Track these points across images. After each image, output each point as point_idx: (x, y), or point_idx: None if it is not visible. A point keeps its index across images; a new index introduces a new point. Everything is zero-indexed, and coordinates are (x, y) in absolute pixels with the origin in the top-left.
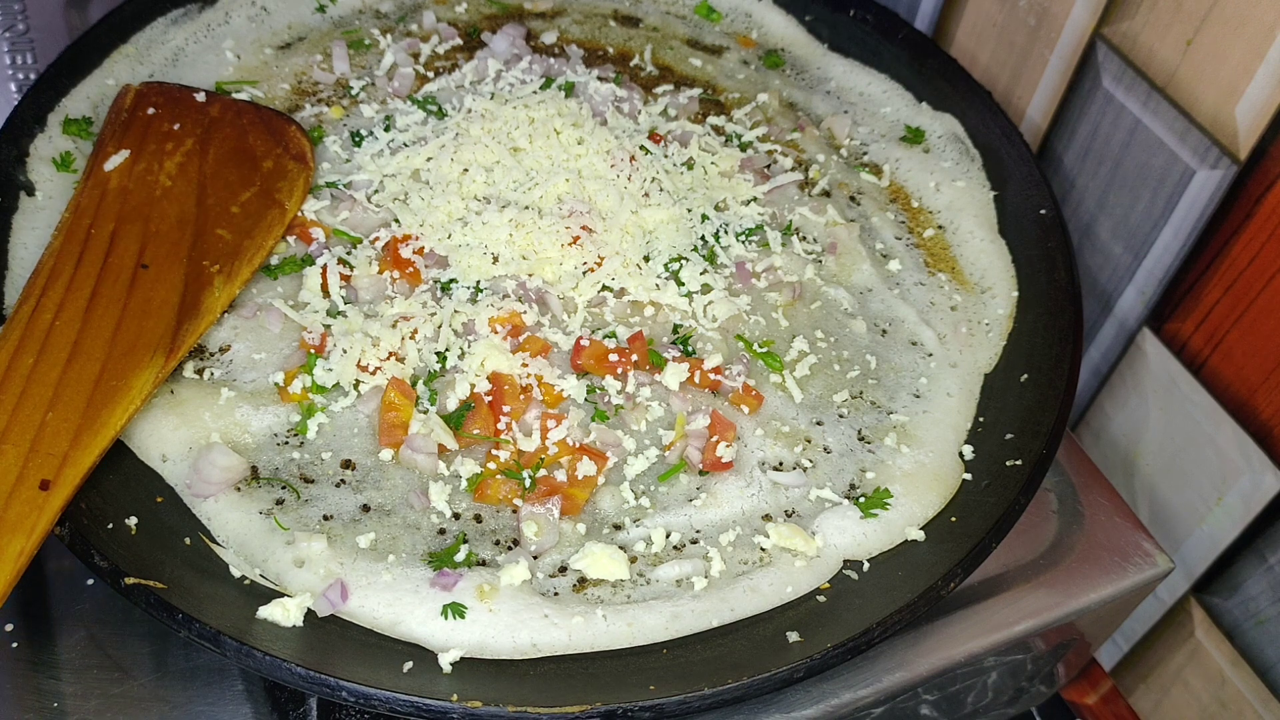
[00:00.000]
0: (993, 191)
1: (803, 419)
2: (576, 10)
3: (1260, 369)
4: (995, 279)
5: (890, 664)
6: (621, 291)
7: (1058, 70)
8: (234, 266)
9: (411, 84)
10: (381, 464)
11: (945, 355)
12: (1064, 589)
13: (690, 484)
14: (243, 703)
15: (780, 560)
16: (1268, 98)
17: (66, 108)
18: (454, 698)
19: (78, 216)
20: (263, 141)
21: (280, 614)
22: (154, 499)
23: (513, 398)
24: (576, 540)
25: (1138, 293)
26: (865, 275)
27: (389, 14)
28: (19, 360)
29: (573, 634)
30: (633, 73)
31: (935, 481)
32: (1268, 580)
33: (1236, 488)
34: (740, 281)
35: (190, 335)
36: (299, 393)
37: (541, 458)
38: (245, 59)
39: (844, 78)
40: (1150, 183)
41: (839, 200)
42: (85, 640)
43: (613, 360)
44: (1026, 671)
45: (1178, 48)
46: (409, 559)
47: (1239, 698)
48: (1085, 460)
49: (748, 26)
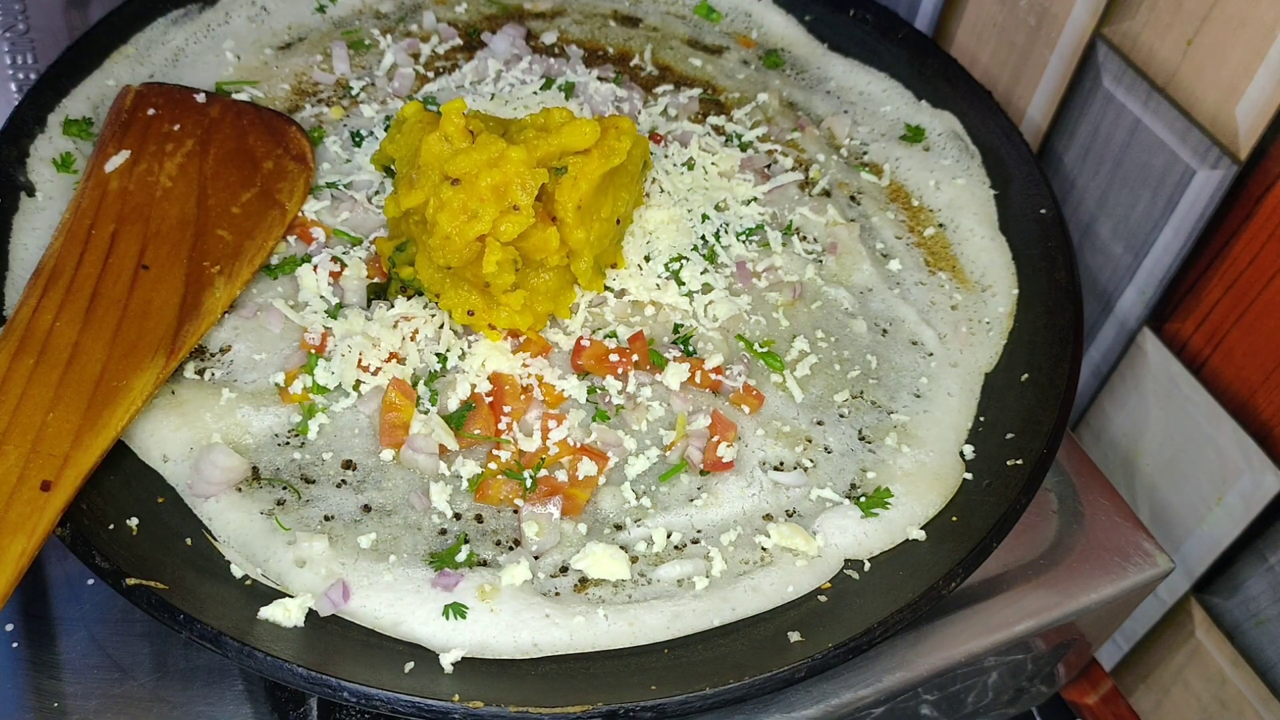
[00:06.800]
0: (993, 191)
1: (803, 419)
2: (576, 10)
3: (1260, 369)
4: (996, 277)
5: (891, 664)
6: (622, 291)
7: (1058, 70)
8: (235, 267)
9: (411, 84)
10: (382, 464)
11: (946, 355)
12: (1064, 589)
13: (691, 484)
14: (243, 703)
15: (781, 560)
16: (1268, 98)
17: (67, 108)
18: (455, 698)
19: (78, 217)
20: (263, 142)
21: (281, 614)
22: (155, 499)
23: (513, 398)
24: (578, 540)
25: (1138, 293)
26: (866, 275)
27: (389, 14)
28: (20, 361)
29: (574, 634)
30: (633, 73)
31: (936, 481)
32: (1268, 580)
33: (1237, 488)
34: (741, 281)
35: (191, 336)
36: (300, 393)
37: (542, 458)
38: (245, 59)
39: (844, 77)
40: (1150, 183)
41: (839, 200)
42: (86, 640)
43: (613, 360)
44: (1027, 671)
45: (1178, 48)
46: (410, 559)
47: (1239, 698)
48: (1085, 460)
49: (748, 26)
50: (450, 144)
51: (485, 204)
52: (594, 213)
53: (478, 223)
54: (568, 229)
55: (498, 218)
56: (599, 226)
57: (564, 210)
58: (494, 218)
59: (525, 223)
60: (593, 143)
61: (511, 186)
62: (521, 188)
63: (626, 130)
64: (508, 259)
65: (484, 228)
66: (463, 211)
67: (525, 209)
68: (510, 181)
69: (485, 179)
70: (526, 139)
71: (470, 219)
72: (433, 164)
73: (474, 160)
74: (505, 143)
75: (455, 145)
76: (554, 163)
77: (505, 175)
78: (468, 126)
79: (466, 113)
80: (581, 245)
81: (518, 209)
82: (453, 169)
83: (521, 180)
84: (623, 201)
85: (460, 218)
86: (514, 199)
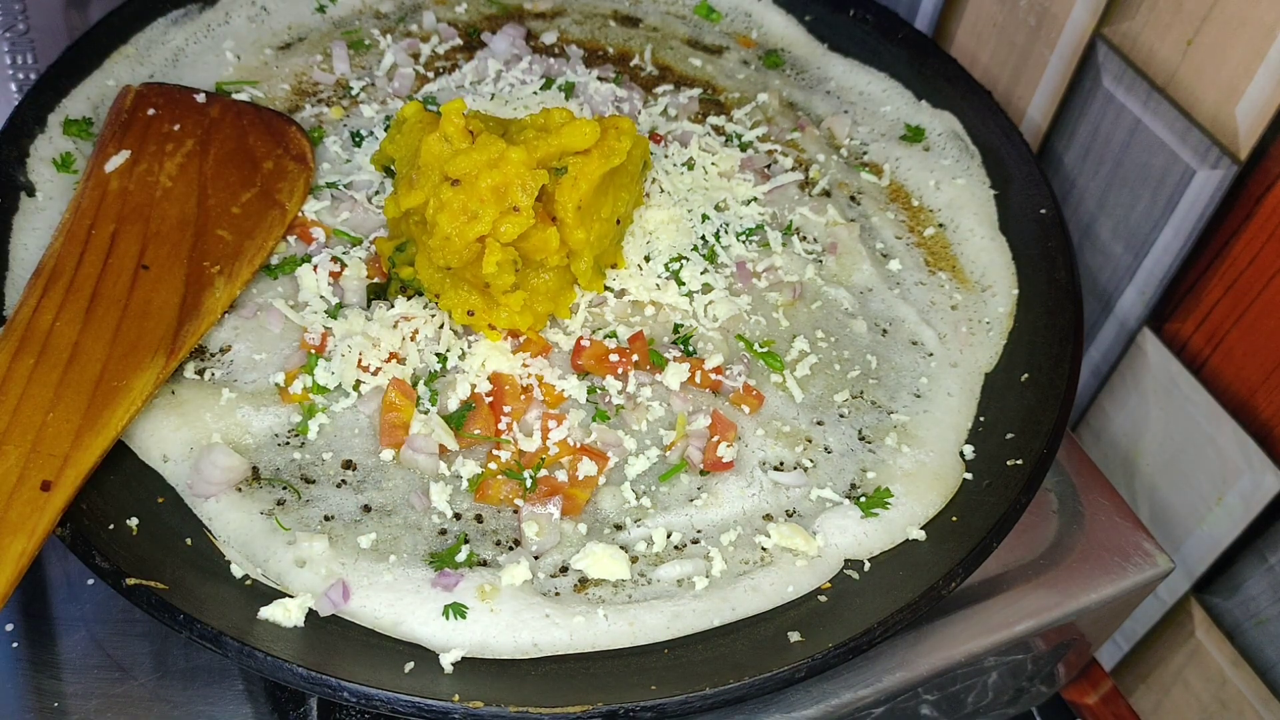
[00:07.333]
0: (993, 191)
1: (803, 419)
2: (576, 10)
3: (1260, 369)
4: (996, 277)
5: (891, 664)
6: (622, 291)
7: (1058, 70)
8: (235, 267)
9: (411, 84)
10: (382, 464)
11: (946, 355)
12: (1064, 589)
13: (691, 484)
14: (243, 703)
15: (781, 560)
16: (1268, 98)
17: (67, 108)
18: (455, 698)
19: (78, 217)
20: (263, 142)
21: (281, 614)
22: (155, 499)
23: (513, 398)
24: (578, 540)
25: (1138, 293)
26: (865, 275)
27: (389, 14)
28: (20, 361)
29: (574, 634)
30: (633, 73)
31: (936, 481)
32: (1268, 580)
33: (1237, 488)
34: (741, 281)
35: (191, 336)
36: (300, 393)
37: (542, 458)
38: (245, 59)
39: (844, 77)
40: (1150, 183)
41: (839, 200)
42: (86, 640)
43: (613, 360)
44: (1027, 671)
45: (1178, 48)
46: (410, 559)
47: (1239, 698)
48: (1085, 460)
49: (748, 26)
50: (450, 144)
51: (485, 205)
52: (594, 213)
53: (478, 223)
54: (568, 229)
55: (498, 218)
56: (599, 227)
57: (564, 211)
58: (494, 218)
59: (525, 224)
60: (593, 143)
61: (511, 187)
62: (522, 188)
63: (626, 130)
64: (508, 259)
65: (484, 228)
66: (463, 212)
67: (525, 210)
68: (510, 182)
69: (485, 180)
70: (526, 139)
71: (470, 220)
72: (433, 164)
73: (474, 161)
74: (505, 143)
75: (455, 146)
76: (554, 163)
77: (505, 176)
78: (468, 127)
79: (466, 113)
80: (581, 245)
81: (518, 210)
82: (453, 169)
83: (522, 181)
84: (623, 202)
85: (460, 218)
86: (514, 200)
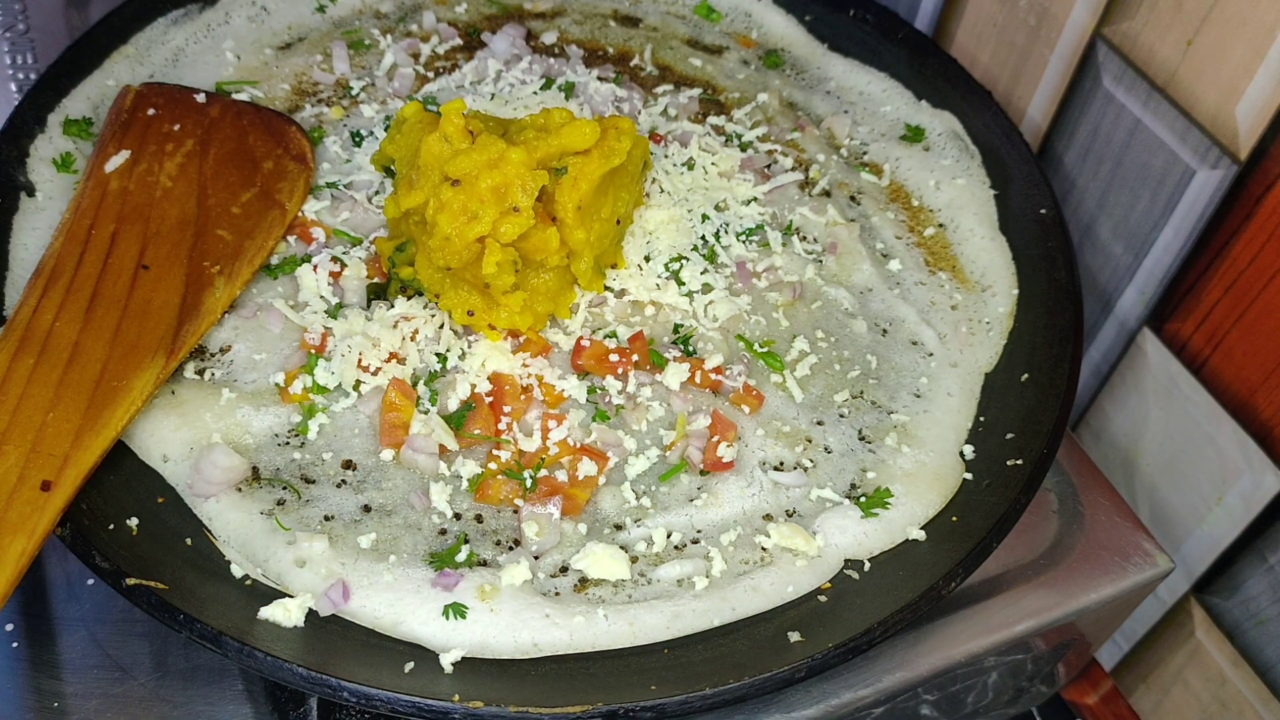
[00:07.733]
0: (993, 191)
1: (803, 419)
2: (576, 10)
3: (1260, 369)
4: (996, 277)
5: (890, 664)
6: (622, 291)
7: (1058, 70)
8: (235, 267)
9: (411, 84)
10: (382, 464)
11: (946, 355)
12: (1064, 589)
13: (691, 484)
14: (243, 703)
15: (781, 560)
16: (1268, 98)
17: (67, 108)
18: (455, 698)
19: (78, 217)
20: (263, 142)
21: (281, 614)
22: (155, 499)
23: (513, 398)
24: (578, 540)
25: (1138, 293)
26: (865, 275)
27: (389, 14)
28: (20, 361)
29: (574, 634)
30: (633, 73)
31: (936, 481)
32: (1268, 580)
33: (1237, 488)
34: (741, 281)
35: (191, 336)
36: (300, 393)
37: (542, 458)
38: (245, 59)
39: (844, 77)
40: (1150, 183)
41: (839, 200)
42: (86, 640)
43: (613, 360)
44: (1027, 671)
45: (1178, 48)
46: (410, 559)
47: (1239, 698)
48: (1085, 460)
49: (748, 26)
50: (450, 144)
51: (485, 205)
52: (594, 213)
53: (478, 224)
54: (568, 229)
55: (498, 219)
56: (599, 227)
57: (564, 211)
58: (494, 219)
59: (525, 224)
60: (593, 143)
61: (511, 187)
62: (521, 189)
63: (626, 130)
64: (507, 260)
65: (484, 229)
66: (463, 212)
67: (525, 210)
68: (510, 182)
69: (485, 180)
70: (526, 139)
71: (470, 220)
72: (432, 165)
73: (474, 161)
74: (505, 143)
75: (455, 146)
76: (554, 163)
77: (505, 176)
78: (468, 127)
79: (466, 113)
80: (581, 246)
81: (518, 210)
82: (453, 170)
83: (522, 181)
84: (623, 202)
85: (460, 219)
86: (514, 200)
